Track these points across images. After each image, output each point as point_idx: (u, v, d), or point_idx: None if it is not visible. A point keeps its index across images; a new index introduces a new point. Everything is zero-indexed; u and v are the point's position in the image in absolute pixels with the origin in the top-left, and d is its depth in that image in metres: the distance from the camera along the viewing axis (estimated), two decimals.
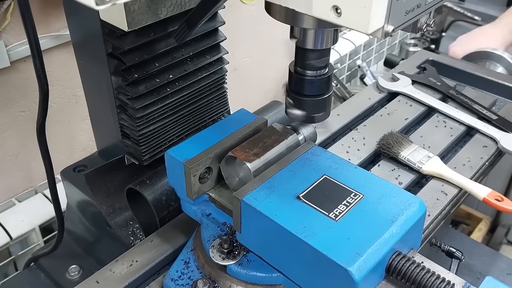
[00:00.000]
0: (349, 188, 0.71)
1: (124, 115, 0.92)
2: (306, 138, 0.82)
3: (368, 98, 1.24)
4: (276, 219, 0.66)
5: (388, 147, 1.03)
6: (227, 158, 0.78)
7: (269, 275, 0.72)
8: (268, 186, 0.71)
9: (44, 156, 0.86)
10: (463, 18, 2.29)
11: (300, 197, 0.69)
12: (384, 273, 0.66)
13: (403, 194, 0.71)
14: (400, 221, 0.66)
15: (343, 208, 0.68)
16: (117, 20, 0.79)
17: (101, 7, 0.45)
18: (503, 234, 2.13)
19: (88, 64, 0.94)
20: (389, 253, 0.65)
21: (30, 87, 1.28)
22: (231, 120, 0.85)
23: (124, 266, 0.82)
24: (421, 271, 0.65)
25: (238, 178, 0.78)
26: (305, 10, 0.56)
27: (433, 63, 1.38)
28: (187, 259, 0.79)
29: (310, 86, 0.75)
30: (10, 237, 1.28)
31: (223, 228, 0.78)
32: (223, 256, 0.74)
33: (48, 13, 1.25)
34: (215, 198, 0.79)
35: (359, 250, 0.62)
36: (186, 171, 0.75)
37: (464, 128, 1.15)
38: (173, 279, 0.76)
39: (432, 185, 0.99)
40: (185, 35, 0.68)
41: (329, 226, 0.65)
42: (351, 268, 0.60)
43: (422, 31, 0.63)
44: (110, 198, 0.97)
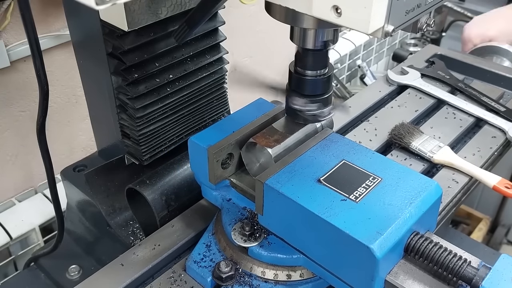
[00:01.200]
0: (368, 172, 0.73)
1: (124, 115, 0.92)
2: (323, 126, 0.84)
3: (378, 91, 1.26)
4: (298, 200, 0.68)
5: (400, 137, 1.05)
6: (248, 144, 0.81)
7: (289, 257, 0.74)
8: (289, 170, 0.73)
9: (44, 156, 0.86)
10: (463, 18, 2.29)
11: (321, 180, 0.72)
12: (402, 252, 0.69)
13: (420, 178, 0.73)
14: (417, 203, 0.69)
15: (362, 191, 0.70)
16: (117, 20, 0.79)
17: (101, 7, 0.45)
18: (503, 234, 2.13)
19: (88, 64, 0.94)
20: (408, 233, 0.67)
21: (30, 87, 1.28)
22: (250, 109, 0.88)
23: (147, 250, 0.84)
24: (439, 249, 0.66)
25: (258, 164, 0.81)
26: (305, 10, 0.56)
27: (441, 57, 1.40)
28: (209, 243, 0.82)
29: (310, 86, 0.75)
30: (10, 237, 1.28)
31: (243, 212, 0.81)
32: (244, 239, 0.76)
33: (48, 13, 1.25)
34: (236, 183, 0.83)
35: (379, 229, 0.64)
36: (210, 157, 0.78)
37: (473, 120, 1.17)
38: (196, 261, 0.79)
39: (443, 174, 1.02)
40: (185, 35, 0.68)
41: (350, 207, 0.68)
42: (373, 245, 0.62)
43: (422, 31, 0.63)
44: (110, 198, 0.97)
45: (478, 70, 1.35)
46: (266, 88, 0.81)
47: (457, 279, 0.65)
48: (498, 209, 2.12)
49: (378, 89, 1.27)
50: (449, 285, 0.66)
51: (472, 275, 0.64)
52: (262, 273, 0.76)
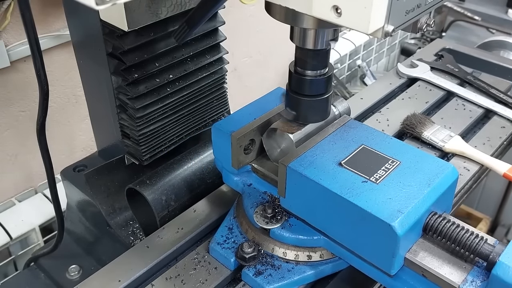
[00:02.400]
0: (387, 155, 0.76)
1: (124, 115, 0.92)
2: (341, 113, 0.86)
3: (389, 83, 1.29)
4: (321, 182, 0.71)
5: (412, 127, 1.07)
6: (269, 130, 0.83)
7: (310, 238, 0.77)
8: (311, 155, 0.76)
9: (44, 156, 0.86)
10: (463, 18, 2.29)
11: (342, 163, 0.74)
12: (421, 232, 0.71)
13: (437, 161, 0.76)
14: (435, 184, 0.71)
15: (382, 173, 0.73)
16: (117, 20, 0.79)
17: (101, 7, 0.45)
18: (503, 234, 2.13)
19: (88, 64, 0.94)
20: (426, 213, 0.69)
21: (30, 87, 1.28)
22: (269, 97, 0.90)
23: (171, 233, 0.87)
24: (456, 228, 0.68)
25: (280, 149, 0.83)
26: (305, 10, 0.56)
27: (450, 51, 1.42)
28: (231, 226, 0.84)
29: (310, 86, 0.75)
30: (10, 237, 1.28)
31: (264, 196, 0.83)
32: (266, 221, 0.78)
33: (48, 13, 1.25)
34: (258, 168, 0.85)
35: (400, 208, 0.66)
36: (233, 142, 0.81)
37: (482, 111, 1.19)
38: (219, 243, 0.81)
39: (455, 162, 1.03)
40: (185, 35, 0.68)
41: (371, 188, 0.70)
42: (394, 223, 0.64)
43: (422, 31, 0.63)
44: (110, 198, 0.97)
45: (486, 64, 1.37)
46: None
47: (474, 256, 0.67)
48: (498, 209, 2.12)
49: (388, 82, 1.29)
50: (466, 261, 0.68)
51: (489, 252, 0.66)
52: (284, 254, 0.78)
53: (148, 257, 0.82)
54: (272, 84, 2.02)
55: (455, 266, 0.68)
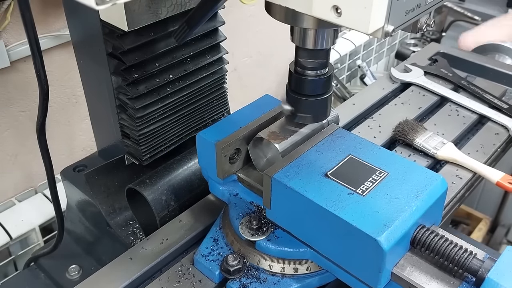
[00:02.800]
0: (374, 166, 0.74)
1: (124, 115, 0.92)
2: (329, 122, 0.85)
3: (382, 88, 1.27)
4: (306, 194, 0.69)
5: (404, 133, 1.06)
6: (255, 139, 0.81)
7: (296, 250, 0.75)
8: (297, 165, 0.74)
9: (44, 156, 0.86)
10: (463, 18, 2.29)
11: (328, 174, 0.73)
12: (409, 245, 0.69)
13: (425, 172, 0.74)
14: (423, 197, 0.70)
15: (369, 185, 0.71)
16: (117, 20, 0.79)
17: (101, 7, 0.45)
18: (503, 234, 2.13)
19: (88, 64, 0.94)
20: (414, 226, 0.68)
21: (30, 87, 1.28)
22: (256, 105, 0.89)
23: (155, 244, 0.85)
24: (444, 242, 0.67)
25: (266, 159, 0.82)
26: (305, 10, 0.56)
27: (444, 55, 1.41)
28: (216, 237, 0.83)
29: (310, 86, 0.75)
30: (10, 237, 1.28)
31: (250, 207, 0.82)
32: (252, 232, 0.77)
33: (48, 13, 1.25)
34: (244, 178, 0.84)
35: (386, 222, 0.65)
36: (218, 152, 0.80)
37: (476, 117, 1.18)
38: (204, 255, 0.80)
39: (447, 170, 1.02)
40: (185, 35, 0.68)
41: (357, 201, 0.69)
42: (380, 238, 0.63)
43: (422, 31, 0.63)
44: (110, 198, 0.97)
45: (481, 68, 1.36)
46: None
47: (463, 271, 0.66)
48: (498, 209, 2.12)
49: (381, 87, 1.28)
50: (455, 277, 0.67)
51: (478, 267, 0.65)
52: (269, 267, 0.77)
53: (131, 269, 0.80)
54: (272, 84, 2.02)
55: (443, 281, 0.67)
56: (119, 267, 0.81)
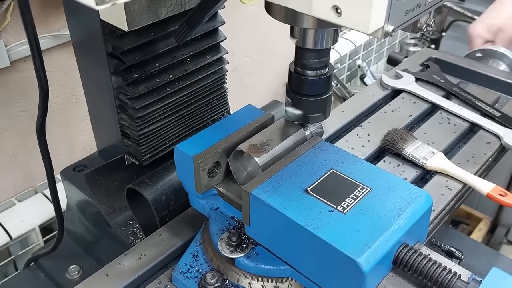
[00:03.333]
0: (356, 181, 0.72)
1: (124, 115, 0.92)
2: (313, 133, 0.83)
3: (372, 95, 1.25)
4: (285, 211, 0.67)
5: (393, 143, 1.04)
6: (235, 152, 0.79)
7: (277, 268, 0.73)
8: (277, 180, 0.72)
9: (44, 156, 0.86)
10: (463, 18, 2.29)
11: (308, 190, 0.70)
12: (391, 265, 0.67)
13: (409, 188, 0.72)
14: (407, 214, 0.68)
15: (350, 201, 0.69)
16: (117, 20, 0.79)
17: (101, 7, 0.45)
18: (503, 234, 2.13)
19: (88, 64, 0.94)
20: (396, 245, 0.66)
21: (30, 87, 1.28)
22: (238, 116, 0.86)
23: (133, 260, 0.83)
24: (428, 262, 0.66)
25: (246, 173, 0.80)
26: (305, 10, 0.56)
27: (436, 61, 1.39)
28: (196, 253, 0.81)
29: (310, 86, 0.75)
30: (10, 237, 1.28)
31: (231, 222, 0.79)
32: (231, 249, 0.75)
33: (48, 13, 1.25)
34: (224, 192, 0.81)
35: (367, 242, 0.63)
36: (196, 165, 0.77)
37: (468, 125, 1.16)
38: (182, 272, 0.78)
39: (437, 181, 1.01)
40: (185, 35, 0.68)
41: (337, 219, 0.66)
42: (360, 259, 0.61)
43: (422, 31, 0.63)
44: (110, 198, 0.97)
45: (474, 74, 1.33)
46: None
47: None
48: (498, 209, 2.11)
49: (371, 94, 1.25)
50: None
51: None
52: (249, 285, 0.74)
53: (108, 286, 0.78)
54: (272, 84, 2.02)
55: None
56: (95, 284, 0.79)
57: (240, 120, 0.84)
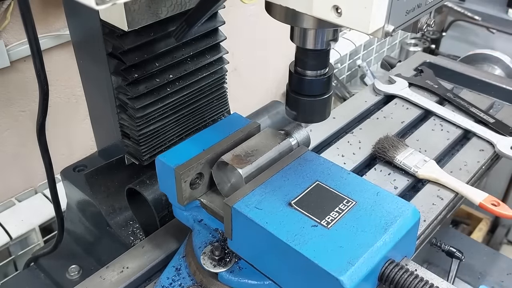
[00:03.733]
0: (342, 194, 0.70)
1: (124, 115, 0.92)
2: (300, 143, 0.81)
3: (364, 101, 1.23)
4: (267, 226, 0.65)
5: (384, 151, 1.02)
6: (218, 163, 0.77)
7: (260, 283, 0.71)
8: (260, 193, 0.70)
9: (44, 156, 0.86)
10: (463, 18, 2.29)
11: (292, 204, 0.68)
12: (376, 281, 0.66)
13: (396, 201, 0.70)
14: (393, 229, 0.66)
15: (335, 215, 0.67)
16: (117, 20, 0.78)
17: (101, 7, 0.45)
18: (503, 234, 2.13)
19: (88, 64, 0.94)
20: (382, 261, 0.64)
21: (30, 87, 1.28)
22: (223, 124, 0.84)
23: (114, 273, 0.81)
24: (414, 279, 0.64)
25: (230, 184, 0.78)
26: (305, 10, 0.56)
27: (430, 65, 1.37)
28: (179, 266, 0.79)
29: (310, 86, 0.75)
30: (10, 237, 1.28)
31: (215, 234, 0.77)
32: (214, 263, 0.73)
33: (48, 13, 1.25)
34: (207, 204, 0.78)
35: (351, 259, 0.61)
36: (177, 177, 0.74)
37: (461, 132, 1.14)
38: (164, 287, 0.76)
39: (428, 190, 0.99)
40: (185, 33, 0.68)
41: (321, 234, 0.64)
42: (343, 277, 0.59)
43: (423, 31, 0.63)
44: (110, 198, 0.97)
45: (468, 79, 1.32)
46: None
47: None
48: None
49: (364, 99, 1.24)
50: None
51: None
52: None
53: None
54: (272, 84, 2.02)
55: None
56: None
57: (225, 129, 0.82)
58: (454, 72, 1.34)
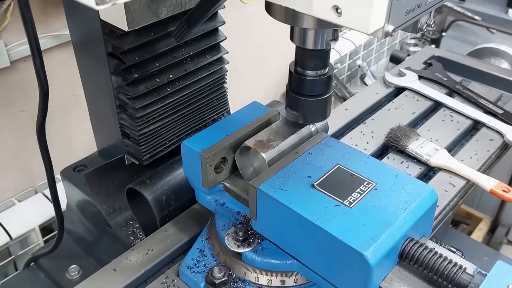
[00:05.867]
0: (362, 176, 0.73)
1: (124, 115, 0.92)
2: (318, 130, 0.83)
3: (375, 93, 1.26)
4: (292, 206, 0.68)
5: (397, 140, 1.05)
6: (242, 148, 0.79)
7: (283, 262, 0.74)
8: (283, 175, 0.73)
9: (44, 156, 0.86)
10: (463, 18, 2.29)
11: (314, 185, 0.71)
12: (397, 258, 0.68)
13: (415, 183, 0.73)
14: (412, 208, 0.68)
15: (356, 196, 0.70)
16: (117, 20, 0.78)
17: (101, 7, 0.45)
18: (503, 234, 2.13)
19: (88, 64, 0.94)
20: (402, 239, 0.67)
21: (30, 87, 1.28)
22: (244, 112, 0.87)
23: (140, 255, 0.84)
24: (433, 256, 0.66)
25: (252, 168, 0.80)
26: (305, 10, 0.56)
27: (439, 59, 1.39)
28: (202, 248, 0.81)
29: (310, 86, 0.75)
30: (10, 237, 1.28)
31: (237, 217, 0.80)
32: (238, 244, 0.76)
33: (48, 13, 1.24)
34: (230, 188, 0.81)
35: (373, 236, 0.64)
36: (203, 161, 0.77)
37: (471, 122, 1.16)
38: (189, 267, 0.78)
39: (440, 177, 1.01)
40: (185, 33, 0.68)
41: (344, 213, 0.67)
42: (366, 252, 0.62)
43: (423, 31, 0.63)
44: (110, 198, 0.97)
45: (476, 72, 1.34)
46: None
47: (452, 286, 0.65)
48: (498, 209, 2.12)
49: (375, 91, 1.26)
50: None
51: (467, 282, 0.63)
52: (256, 279, 0.75)
53: (115, 281, 0.79)
54: (272, 84, 2.02)
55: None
56: (103, 279, 0.80)
57: (246, 116, 0.85)
58: (462, 65, 1.37)
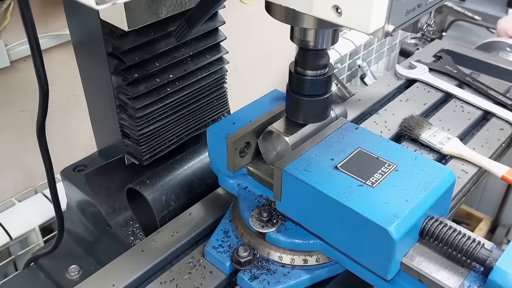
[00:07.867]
0: (383, 159, 0.75)
1: (124, 115, 0.92)
2: (337, 116, 0.86)
3: (387, 85, 1.28)
4: (317, 186, 0.70)
5: (410, 129, 1.07)
6: (265, 133, 0.82)
7: (306, 242, 0.76)
8: (307, 158, 0.75)
9: (44, 156, 0.86)
10: (463, 18, 2.29)
11: (338, 167, 0.74)
12: (417, 236, 0.70)
13: (433, 164, 0.75)
14: (432, 188, 0.71)
15: (378, 177, 0.72)
16: (117, 19, 0.79)
17: (101, 6, 0.45)
18: (504, 234, 2.13)
19: (88, 64, 0.94)
20: (423, 217, 0.69)
21: (30, 86, 1.28)
22: (265, 100, 0.90)
23: (165, 237, 0.86)
24: (453, 232, 0.68)
25: (275, 152, 0.83)
26: (305, 10, 0.56)
27: (448, 52, 1.41)
28: (226, 229, 0.84)
29: (310, 86, 0.75)
30: (10, 237, 1.28)
31: (260, 200, 0.83)
32: (262, 224, 0.78)
33: (48, 13, 1.25)
34: (254, 171, 0.85)
35: (396, 213, 0.66)
36: (228, 145, 0.80)
37: (481, 113, 1.19)
38: (214, 247, 0.81)
39: (453, 165, 1.03)
40: (185, 33, 0.68)
41: (367, 192, 0.70)
42: (390, 228, 0.64)
43: (423, 31, 0.63)
44: (110, 198, 0.97)
45: (485, 65, 1.36)
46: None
47: (471, 261, 0.67)
48: (498, 209, 2.12)
49: (386, 83, 1.29)
50: (463, 266, 0.68)
51: (486, 256, 0.65)
52: (279, 258, 0.78)
53: (143, 261, 0.81)
54: (272, 84, 2.02)
55: (451, 271, 0.68)
56: (131, 259, 0.82)
57: (268, 103, 0.88)
58: (471, 58, 1.39)
